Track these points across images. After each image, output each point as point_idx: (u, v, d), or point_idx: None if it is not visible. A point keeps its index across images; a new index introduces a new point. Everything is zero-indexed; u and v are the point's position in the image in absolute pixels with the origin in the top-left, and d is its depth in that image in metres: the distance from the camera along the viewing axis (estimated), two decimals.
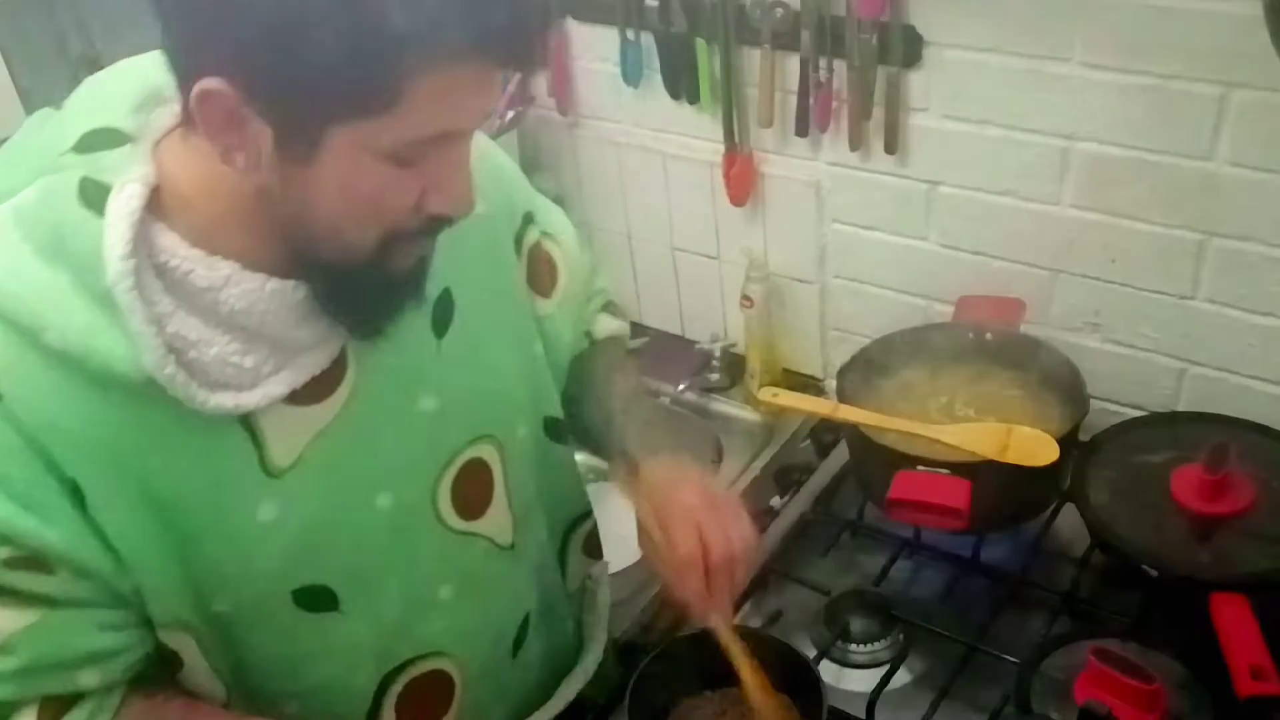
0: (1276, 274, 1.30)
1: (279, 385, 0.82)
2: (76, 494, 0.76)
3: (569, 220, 1.12)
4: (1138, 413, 1.45)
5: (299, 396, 0.83)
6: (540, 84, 1.75)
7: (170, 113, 0.78)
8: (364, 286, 0.81)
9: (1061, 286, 1.46)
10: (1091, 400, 1.34)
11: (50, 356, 0.74)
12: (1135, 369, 1.45)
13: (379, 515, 0.90)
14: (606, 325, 1.15)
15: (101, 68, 0.82)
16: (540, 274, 1.05)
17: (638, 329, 1.90)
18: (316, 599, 0.88)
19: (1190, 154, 1.28)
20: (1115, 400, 1.48)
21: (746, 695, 1.02)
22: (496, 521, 1.00)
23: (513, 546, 1.02)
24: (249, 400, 0.80)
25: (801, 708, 1.09)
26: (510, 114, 1.70)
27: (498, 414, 0.98)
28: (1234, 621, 1.11)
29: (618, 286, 1.87)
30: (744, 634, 1.21)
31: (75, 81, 0.82)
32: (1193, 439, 1.29)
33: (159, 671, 0.86)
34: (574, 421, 1.10)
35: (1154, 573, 1.22)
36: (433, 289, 0.90)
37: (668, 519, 0.96)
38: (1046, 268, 1.45)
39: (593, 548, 1.17)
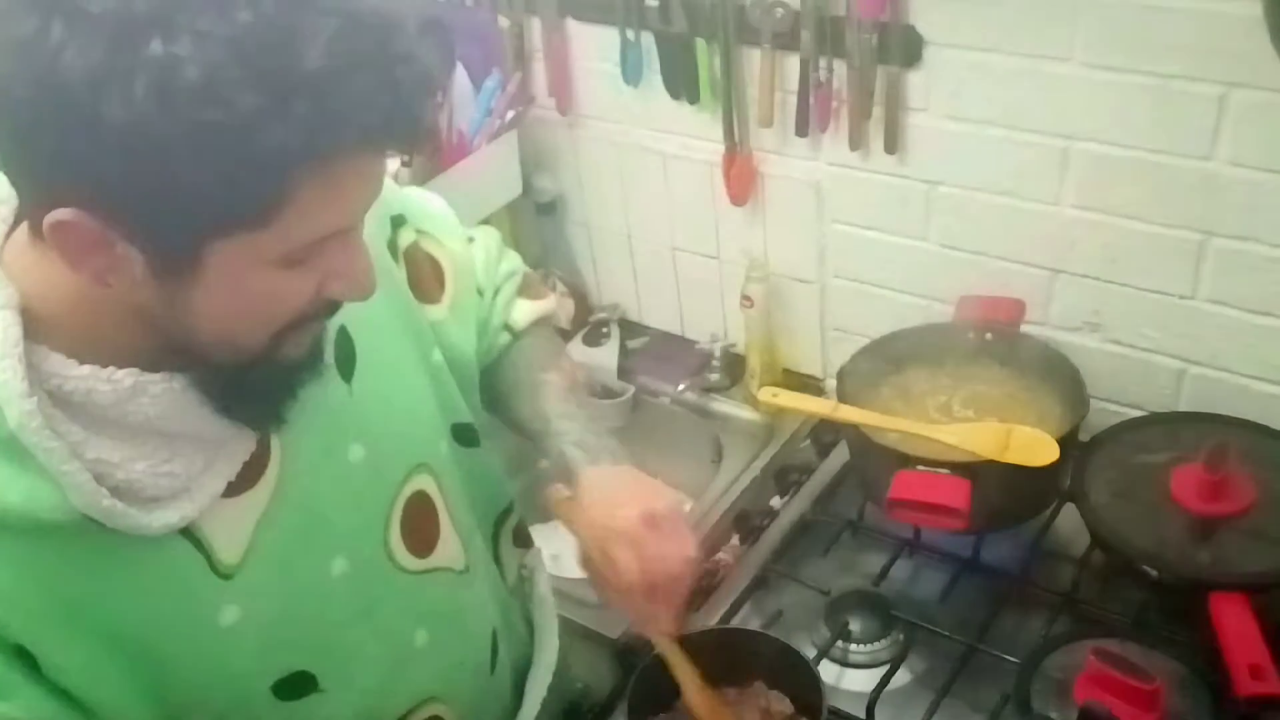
0: (1276, 274, 1.30)
1: (215, 481, 0.78)
2: (27, 659, 0.71)
3: (448, 209, 1.06)
4: (1138, 413, 1.45)
5: (233, 488, 0.79)
6: (540, 84, 1.75)
7: None
8: (258, 379, 0.76)
9: (1061, 286, 1.46)
10: (1091, 400, 1.34)
11: None
12: (1135, 369, 1.45)
13: (338, 582, 0.87)
14: (527, 311, 1.08)
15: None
16: (424, 277, 0.99)
17: (638, 329, 1.90)
18: (296, 687, 0.85)
19: (1190, 154, 1.28)
20: (1115, 400, 1.48)
21: (690, 710, 1.02)
22: (449, 549, 0.97)
23: (467, 569, 1.00)
24: (190, 508, 0.76)
25: (802, 708, 1.10)
26: (510, 114, 1.70)
27: (422, 439, 0.95)
28: (1234, 621, 1.11)
29: (618, 286, 1.88)
30: (745, 635, 1.22)
31: None
32: (1193, 439, 1.29)
33: None
34: (509, 418, 1.06)
35: (1154, 573, 1.22)
36: (329, 331, 0.85)
37: (606, 543, 0.93)
38: (1046, 268, 1.45)
39: (523, 538, 1.13)
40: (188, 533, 0.77)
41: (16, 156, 0.65)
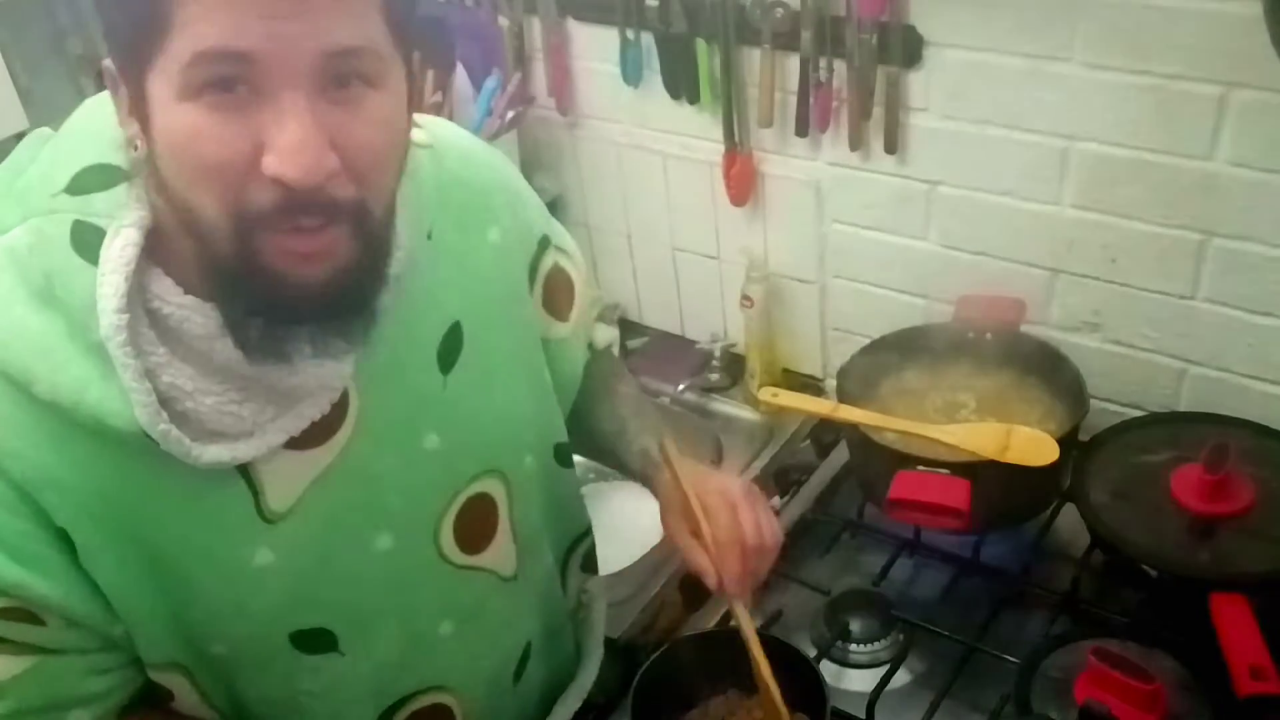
0: (1276, 274, 1.30)
1: (277, 434, 0.79)
2: (67, 544, 0.75)
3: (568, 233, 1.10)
4: (1138, 413, 1.45)
5: (298, 441, 0.80)
6: (540, 84, 1.75)
7: None
8: (263, 299, 0.72)
9: (1061, 286, 1.46)
10: (1091, 400, 1.34)
11: (41, 407, 0.72)
12: (1135, 369, 1.45)
13: (379, 557, 0.88)
14: (605, 334, 1.13)
15: (101, 68, 0.79)
16: (558, 296, 1.03)
17: (638, 329, 1.90)
18: (315, 641, 0.87)
19: (1190, 154, 1.28)
20: (1115, 400, 1.48)
21: (760, 680, 1.02)
22: (500, 554, 0.98)
23: (515, 577, 1.00)
24: (245, 452, 0.77)
25: (803, 708, 1.09)
26: (510, 114, 1.70)
27: (505, 448, 0.96)
28: (1234, 621, 1.11)
29: (618, 286, 1.88)
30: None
31: (75, 81, 0.81)
32: (1193, 439, 1.29)
33: (151, 699, 0.86)
34: (580, 430, 1.09)
35: (1154, 573, 1.22)
36: (441, 323, 0.88)
37: (707, 499, 0.99)
38: (1046, 268, 1.45)
39: (590, 563, 1.16)
40: (245, 471, 0.79)
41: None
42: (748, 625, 1.01)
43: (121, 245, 0.72)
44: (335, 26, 0.67)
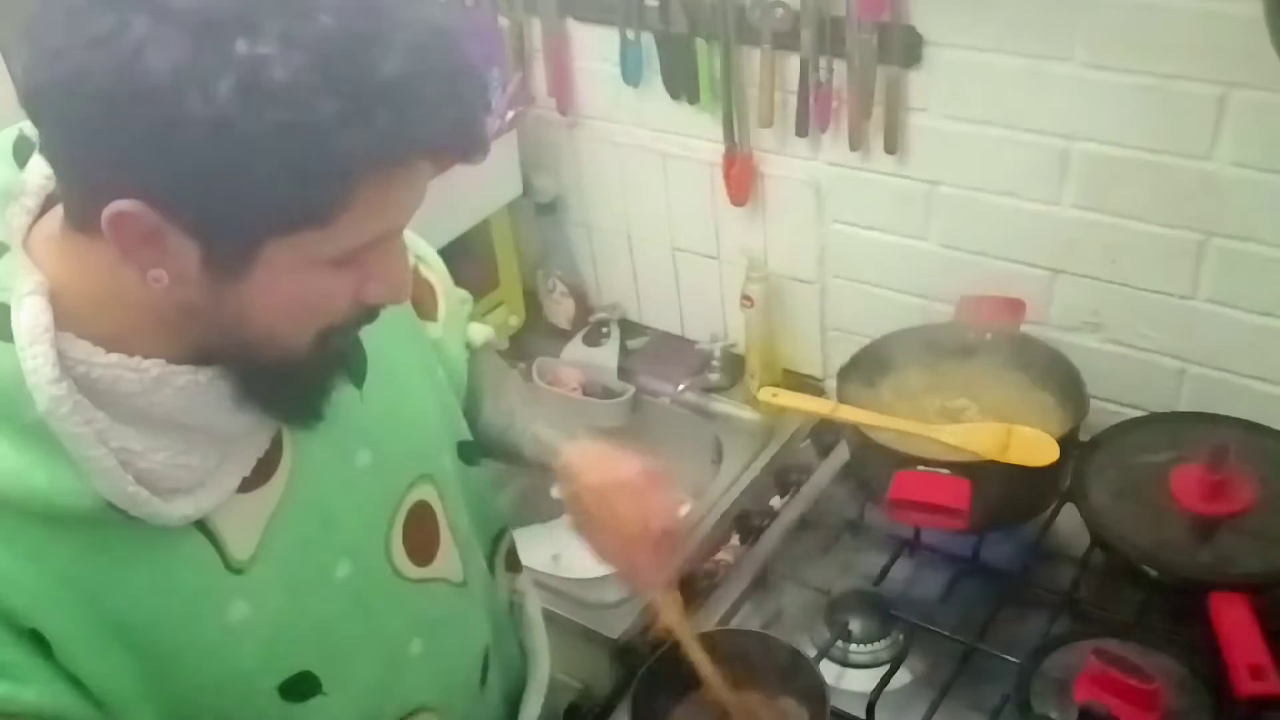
0: (1276, 274, 1.30)
1: (231, 478, 0.78)
2: (41, 644, 0.71)
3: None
4: (1138, 413, 1.45)
5: (246, 483, 0.79)
6: (540, 84, 1.75)
7: (24, 209, 0.73)
8: (298, 377, 0.77)
9: (1061, 286, 1.46)
10: (1091, 400, 1.34)
11: None
12: (1135, 369, 1.45)
13: (341, 585, 0.87)
14: (480, 332, 1.13)
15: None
16: (424, 298, 1.03)
17: (638, 329, 1.90)
18: (301, 688, 0.85)
19: (1190, 154, 1.28)
20: (1115, 400, 1.48)
21: (706, 682, 1.03)
22: (448, 561, 0.98)
23: (465, 583, 1.00)
24: (207, 501, 0.76)
25: (798, 707, 1.10)
26: (510, 114, 1.70)
27: (426, 451, 0.96)
28: (1234, 621, 1.11)
29: (618, 286, 1.88)
30: (745, 635, 1.22)
31: None
32: (1193, 439, 1.29)
33: None
34: (473, 431, 1.08)
35: (1154, 573, 1.22)
36: None
37: (609, 494, 0.99)
38: (1046, 268, 1.45)
39: (514, 562, 1.16)
40: (202, 526, 0.77)
41: (83, 148, 0.65)
42: (677, 618, 1.02)
43: (34, 313, 0.68)
44: None
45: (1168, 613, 1.21)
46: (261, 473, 0.81)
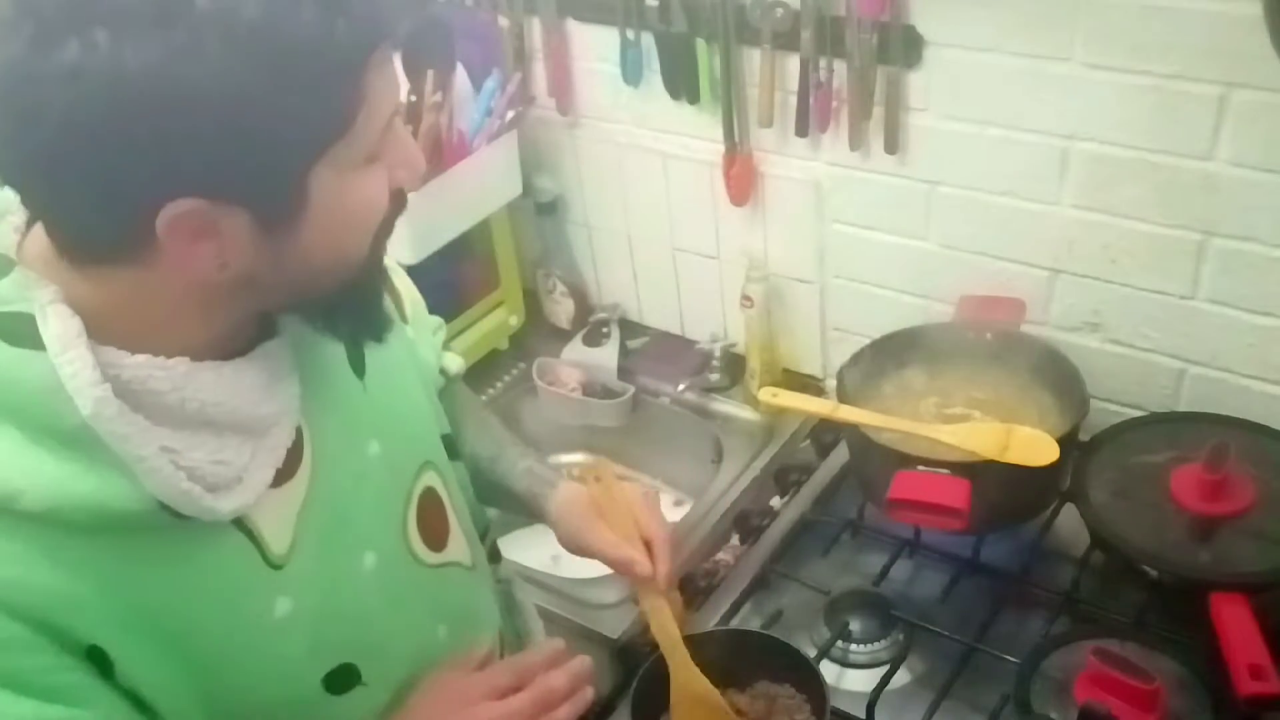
0: (1276, 274, 1.30)
1: (265, 470, 0.78)
2: (101, 660, 0.70)
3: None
4: (1138, 413, 1.45)
5: (277, 476, 0.80)
6: (540, 84, 1.75)
7: (13, 227, 0.73)
8: (363, 292, 0.80)
9: (1061, 286, 1.46)
10: (1091, 400, 1.34)
11: (29, 522, 0.67)
12: (1135, 369, 1.45)
13: (370, 576, 0.88)
14: (455, 362, 1.13)
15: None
16: (395, 303, 1.02)
17: (638, 329, 1.90)
18: (344, 680, 0.86)
19: (1190, 154, 1.28)
20: (1115, 400, 1.48)
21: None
22: (458, 545, 0.99)
23: (474, 566, 1.02)
24: (248, 495, 0.76)
25: (798, 707, 1.10)
26: (510, 114, 1.70)
27: (427, 438, 0.98)
28: (1234, 621, 1.11)
29: (618, 286, 1.88)
30: (745, 635, 1.22)
31: None
32: (1193, 439, 1.29)
33: None
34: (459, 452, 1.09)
35: (1154, 573, 1.22)
36: None
37: (605, 504, 1.05)
38: (1046, 268, 1.45)
39: (494, 554, 1.17)
40: (240, 523, 0.77)
41: (105, 179, 0.64)
42: (671, 622, 1.04)
43: (62, 320, 0.67)
44: None
45: (1167, 613, 1.21)
46: (289, 466, 0.81)
